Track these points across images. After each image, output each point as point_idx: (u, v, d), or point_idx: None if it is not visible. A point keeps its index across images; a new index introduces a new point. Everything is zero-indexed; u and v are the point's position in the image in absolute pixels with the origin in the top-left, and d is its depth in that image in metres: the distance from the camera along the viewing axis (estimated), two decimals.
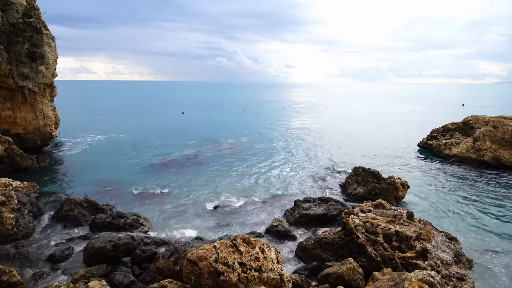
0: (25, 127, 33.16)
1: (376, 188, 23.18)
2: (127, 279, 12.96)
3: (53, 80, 35.11)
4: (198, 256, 10.51)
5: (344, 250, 14.10)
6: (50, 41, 32.97)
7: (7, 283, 12.19)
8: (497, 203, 22.18)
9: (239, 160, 33.88)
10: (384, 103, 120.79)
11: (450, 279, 12.36)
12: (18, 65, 30.61)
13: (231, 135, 49.15)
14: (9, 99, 31.71)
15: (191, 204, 22.03)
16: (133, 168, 30.65)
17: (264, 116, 75.65)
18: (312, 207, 20.07)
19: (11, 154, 28.48)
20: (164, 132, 51.31)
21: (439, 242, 14.78)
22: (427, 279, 10.34)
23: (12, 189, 18.74)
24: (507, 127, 30.65)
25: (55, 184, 25.98)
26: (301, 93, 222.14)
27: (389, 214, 16.28)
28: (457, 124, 37.45)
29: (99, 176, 28.04)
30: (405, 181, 23.59)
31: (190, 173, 29.08)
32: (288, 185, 26.37)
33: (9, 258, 14.82)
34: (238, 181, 27.17)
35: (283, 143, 43.20)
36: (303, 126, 59.24)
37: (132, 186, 25.31)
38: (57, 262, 14.76)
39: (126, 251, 15.06)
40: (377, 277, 11.72)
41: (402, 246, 13.75)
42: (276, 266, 11.12)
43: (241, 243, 11.39)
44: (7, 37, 30.01)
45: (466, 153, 31.65)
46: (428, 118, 70.47)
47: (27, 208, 18.87)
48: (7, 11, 30.25)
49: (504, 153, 29.81)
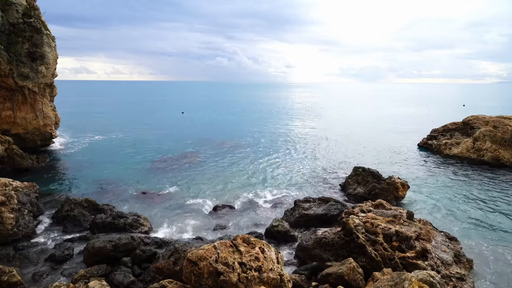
0: (25, 127, 33.16)
1: (376, 188, 23.18)
2: (127, 279, 12.96)
3: (53, 80, 35.11)
4: (198, 256, 10.51)
5: (344, 250, 14.10)
6: (50, 41, 32.96)
7: (7, 283, 12.19)
8: (497, 203, 22.19)
9: (239, 160, 33.89)
10: (384, 103, 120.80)
11: (450, 279, 12.36)
12: (18, 65, 30.61)
13: (231, 135, 49.15)
14: (9, 99, 31.71)
15: (191, 204, 22.03)
16: (133, 168, 30.66)
17: (264, 116, 75.66)
18: (312, 207, 20.06)
19: (11, 154, 28.47)
20: (164, 132, 51.32)
21: (439, 242, 14.78)
22: (427, 279, 10.34)
23: (12, 189, 18.73)
24: (507, 127, 30.66)
25: (55, 184, 25.98)
26: (301, 93, 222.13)
27: (389, 214, 16.28)
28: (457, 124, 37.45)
29: (99, 176, 28.04)
30: (405, 181, 23.60)
31: (190, 173, 29.08)
32: (288, 185, 26.38)
33: (9, 258, 14.83)
34: (238, 181, 27.18)
35: (283, 143, 43.21)
36: (303, 126, 59.24)
37: (132, 186, 25.32)
38: (57, 262, 14.76)
39: (126, 251, 15.05)
40: (377, 277, 11.72)
41: (402, 246, 13.75)
42: (276, 266, 11.12)
43: (241, 243, 11.39)
44: (7, 37, 30.01)
45: (466, 153, 31.65)
46: (428, 118, 70.47)
47: (27, 208, 18.87)
48: (7, 11, 30.25)
49: (504, 153, 29.81)
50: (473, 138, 32.03)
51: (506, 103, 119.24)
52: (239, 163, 32.86)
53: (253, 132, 51.66)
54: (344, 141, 44.38)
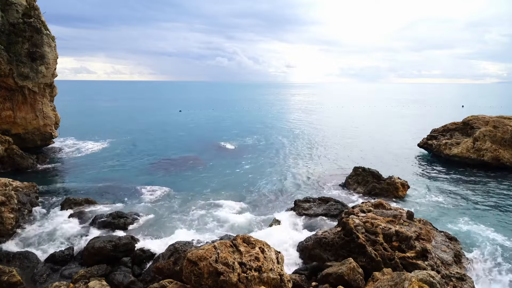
0: (25, 127, 33.16)
1: (376, 188, 23.19)
2: (127, 279, 12.97)
3: (53, 80, 35.10)
4: (198, 256, 10.51)
5: (344, 250, 14.10)
6: (50, 41, 32.95)
7: (7, 283, 12.19)
8: (497, 203, 22.18)
9: (239, 160, 33.88)
10: (384, 103, 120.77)
11: (450, 279, 12.36)
12: (18, 65, 30.61)
13: (230, 134, 49.14)
14: (9, 99, 31.71)
15: (191, 204, 22.01)
16: (133, 168, 30.66)
17: (264, 116, 75.63)
18: (312, 207, 20.07)
19: (11, 154, 28.48)
20: (164, 132, 51.33)
21: (439, 242, 14.79)
22: (427, 279, 10.34)
23: (12, 189, 18.74)
24: (507, 127, 30.64)
25: (55, 184, 25.97)
26: (301, 93, 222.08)
27: (389, 214, 16.27)
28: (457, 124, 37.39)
29: (99, 176, 28.04)
30: (405, 181, 23.60)
31: (190, 173, 29.08)
32: (288, 185, 26.36)
33: (9, 258, 14.82)
34: (238, 181, 27.17)
35: (282, 143, 43.19)
36: (303, 126, 59.21)
37: (132, 186, 25.31)
38: (57, 262, 14.75)
39: (126, 251, 15.07)
40: (377, 277, 11.72)
41: (402, 246, 13.75)
42: (276, 266, 11.12)
43: (241, 243, 11.39)
44: (7, 37, 30.01)
45: (466, 153, 31.62)
46: (428, 118, 70.43)
47: (27, 208, 18.89)
48: (7, 11, 30.24)
49: (504, 153, 29.80)
50: (473, 138, 32.02)
51: (506, 103, 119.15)
52: (239, 162, 32.84)
53: (252, 132, 51.62)
54: (344, 141, 44.37)
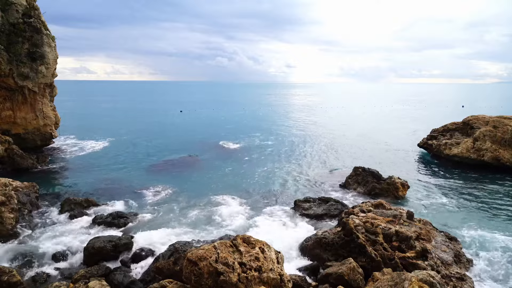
0: (25, 127, 33.14)
1: (376, 188, 23.19)
2: (127, 279, 12.96)
3: (53, 80, 35.09)
4: (198, 256, 10.51)
5: (344, 250, 14.10)
6: (50, 41, 32.94)
7: (7, 283, 12.18)
8: (497, 203, 22.18)
9: (239, 160, 33.89)
10: (384, 103, 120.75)
11: (450, 279, 12.36)
12: (18, 65, 30.59)
13: (230, 134, 49.11)
14: (9, 99, 31.70)
15: (191, 203, 22.01)
16: (133, 168, 30.65)
17: (264, 116, 75.62)
18: (312, 207, 20.07)
19: (11, 154, 28.47)
20: (164, 132, 51.33)
21: (439, 242, 14.78)
22: (427, 279, 10.34)
23: (12, 189, 18.73)
24: (507, 127, 30.64)
25: (55, 184, 25.97)
26: (301, 93, 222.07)
27: (389, 214, 16.28)
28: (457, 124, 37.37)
29: (99, 176, 28.03)
30: (405, 181, 23.59)
31: (190, 173, 29.07)
32: (288, 185, 26.36)
33: (9, 258, 14.82)
34: (238, 180, 27.16)
35: (283, 143, 43.17)
36: (303, 126, 59.22)
37: (132, 186, 25.31)
38: (57, 262, 14.76)
39: (126, 251, 15.07)
40: (377, 277, 11.72)
41: (402, 246, 13.75)
42: (276, 266, 11.12)
43: (241, 243, 11.39)
44: (7, 37, 30.00)
45: (466, 153, 31.61)
46: (428, 118, 70.44)
47: (27, 208, 18.89)
48: (7, 11, 30.22)
49: (504, 153, 29.79)
50: (473, 138, 32.01)
51: (506, 103, 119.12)
52: (239, 162, 32.84)
53: (252, 132, 51.61)
54: (344, 141, 44.36)
